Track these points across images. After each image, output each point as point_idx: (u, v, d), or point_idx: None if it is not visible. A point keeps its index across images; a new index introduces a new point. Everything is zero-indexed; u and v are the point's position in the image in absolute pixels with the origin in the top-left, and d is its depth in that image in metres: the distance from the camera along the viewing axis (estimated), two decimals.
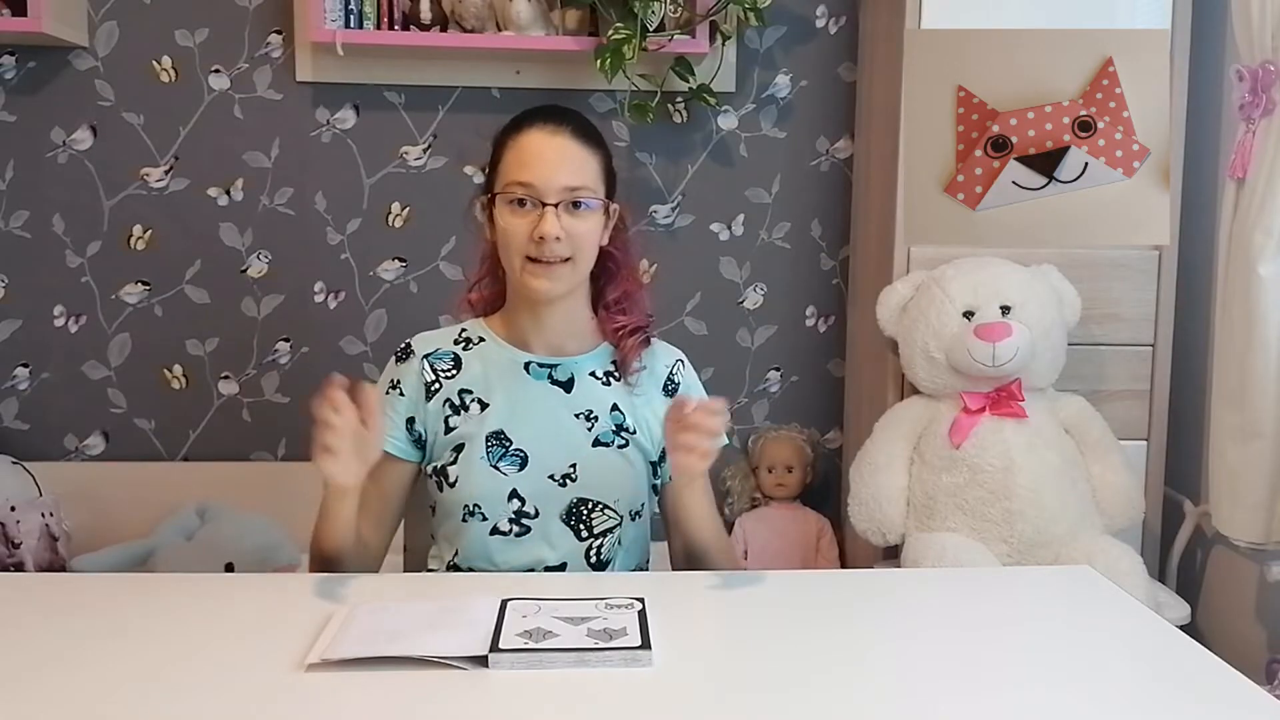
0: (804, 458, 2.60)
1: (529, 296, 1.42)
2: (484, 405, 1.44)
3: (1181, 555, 2.24)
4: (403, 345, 1.50)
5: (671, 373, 1.53)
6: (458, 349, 1.48)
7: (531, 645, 1.08)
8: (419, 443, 1.46)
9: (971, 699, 1.03)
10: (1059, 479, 1.97)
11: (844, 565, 2.55)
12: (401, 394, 1.46)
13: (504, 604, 1.18)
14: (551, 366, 1.47)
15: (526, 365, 1.46)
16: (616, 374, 1.49)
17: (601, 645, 1.08)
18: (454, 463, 1.43)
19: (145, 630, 1.16)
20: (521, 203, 1.37)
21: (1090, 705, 1.02)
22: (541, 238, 1.36)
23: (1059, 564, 1.89)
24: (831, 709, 1.01)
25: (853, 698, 1.03)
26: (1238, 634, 2.10)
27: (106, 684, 1.03)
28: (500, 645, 1.08)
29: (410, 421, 1.45)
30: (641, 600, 1.21)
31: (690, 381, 1.56)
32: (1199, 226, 2.23)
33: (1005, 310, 1.99)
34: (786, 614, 1.25)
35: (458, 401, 1.45)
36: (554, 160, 1.37)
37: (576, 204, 1.38)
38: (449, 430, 1.44)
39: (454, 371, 1.46)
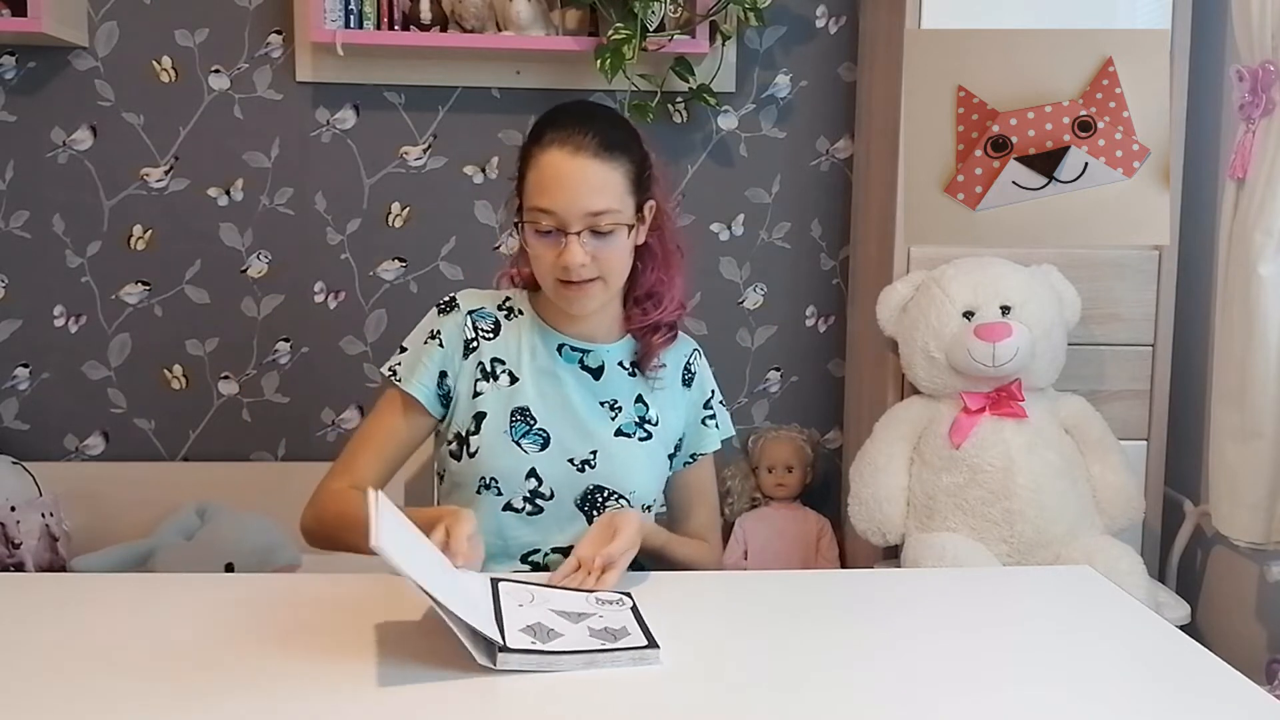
0: (804, 458, 2.60)
1: (563, 309, 1.44)
2: (514, 379, 1.45)
3: (1181, 555, 2.24)
4: (447, 298, 1.48)
5: (689, 363, 1.55)
6: (500, 315, 1.49)
7: (539, 647, 1.06)
8: (445, 399, 1.46)
9: (971, 699, 1.03)
10: (1059, 479, 1.97)
11: (844, 565, 2.55)
12: (440, 344, 1.45)
13: (495, 584, 1.18)
14: (584, 352, 1.47)
15: (560, 348, 1.47)
16: (635, 367, 1.50)
17: (610, 646, 1.07)
18: (476, 432, 1.42)
19: (145, 630, 1.16)
20: (547, 230, 1.36)
21: (1090, 705, 1.02)
22: (566, 267, 1.36)
23: (1059, 564, 1.89)
24: (832, 709, 1.01)
25: (853, 698, 1.03)
26: (1238, 634, 2.10)
27: (106, 684, 1.03)
28: (507, 643, 1.05)
29: (442, 375, 1.45)
30: (629, 595, 1.21)
31: (704, 374, 1.57)
32: (1199, 226, 2.23)
33: (1005, 310, 1.99)
34: (786, 614, 1.25)
35: (489, 368, 1.45)
36: (575, 185, 1.34)
37: (599, 229, 1.36)
38: (475, 395, 1.44)
39: (492, 335, 1.46)
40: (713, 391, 1.57)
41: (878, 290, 2.17)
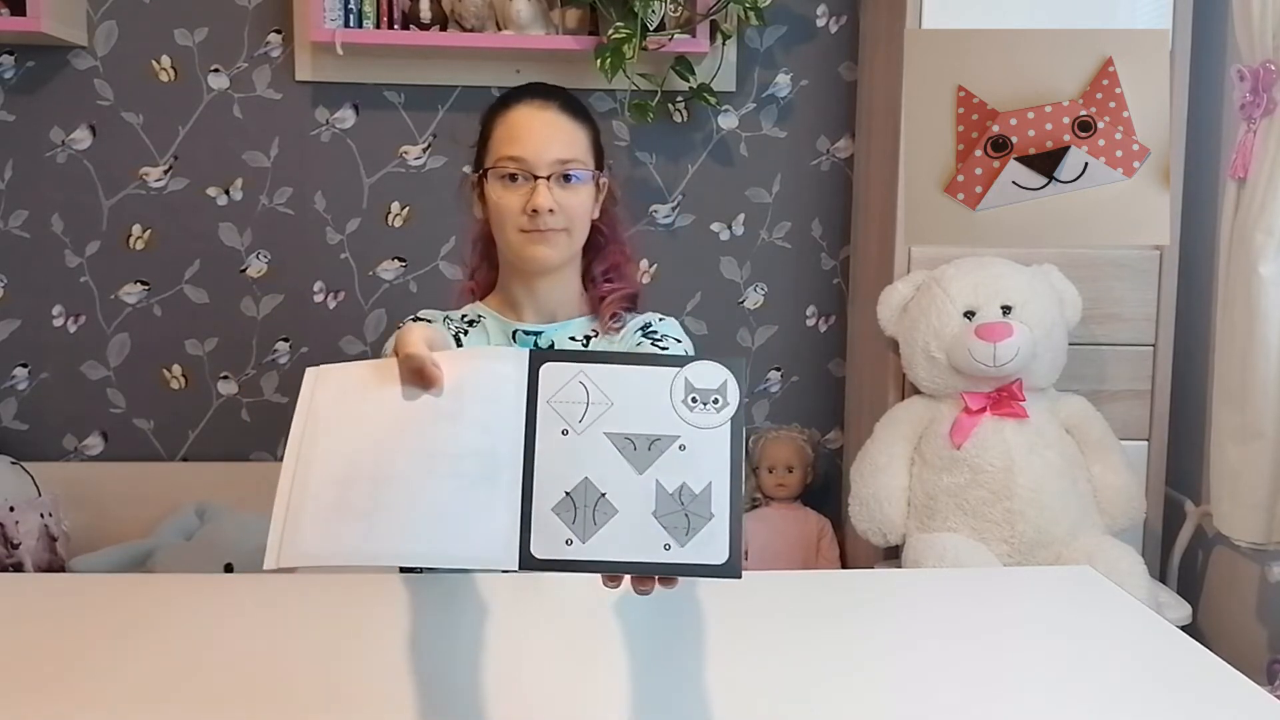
0: (804, 458, 2.60)
1: (525, 267, 1.42)
2: None
3: (1182, 555, 2.23)
4: (411, 317, 1.49)
5: (649, 322, 1.48)
6: (464, 325, 1.50)
7: (572, 554, 0.78)
8: None
9: (972, 699, 1.03)
10: (1060, 479, 1.97)
11: (845, 566, 2.55)
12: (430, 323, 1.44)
13: (536, 375, 0.84)
14: (536, 334, 1.48)
15: (514, 333, 1.48)
16: (594, 334, 1.49)
17: (670, 561, 0.79)
18: None
19: (145, 631, 1.16)
20: (514, 177, 1.38)
21: (1091, 706, 1.02)
22: (535, 210, 1.36)
23: (1060, 564, 1.89)
24: (833, 710, 1.01)
25: (854, 698, 1.03)
26: (1239, 634, 2.10)
27: (105, 684, 1.02)
28: (533, 534, 0.79)
29: None
30: (736, 378, 0.84)
31: (667, 331, 1.48)
32: (1200, 226, 2.23)
33: (1006, 310, 1.99)
34: (787, 615, 1.24)
35: None
36: (544, 134, 1.39)
37: (567, 176, 1.39)
38: None
39: (462, 338, 1.47)
40: (665, 337, 1.45)
41: (878, 290, 2.17)
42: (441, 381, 0.84)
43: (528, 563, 0.78)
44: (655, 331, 1.47)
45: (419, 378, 0.84)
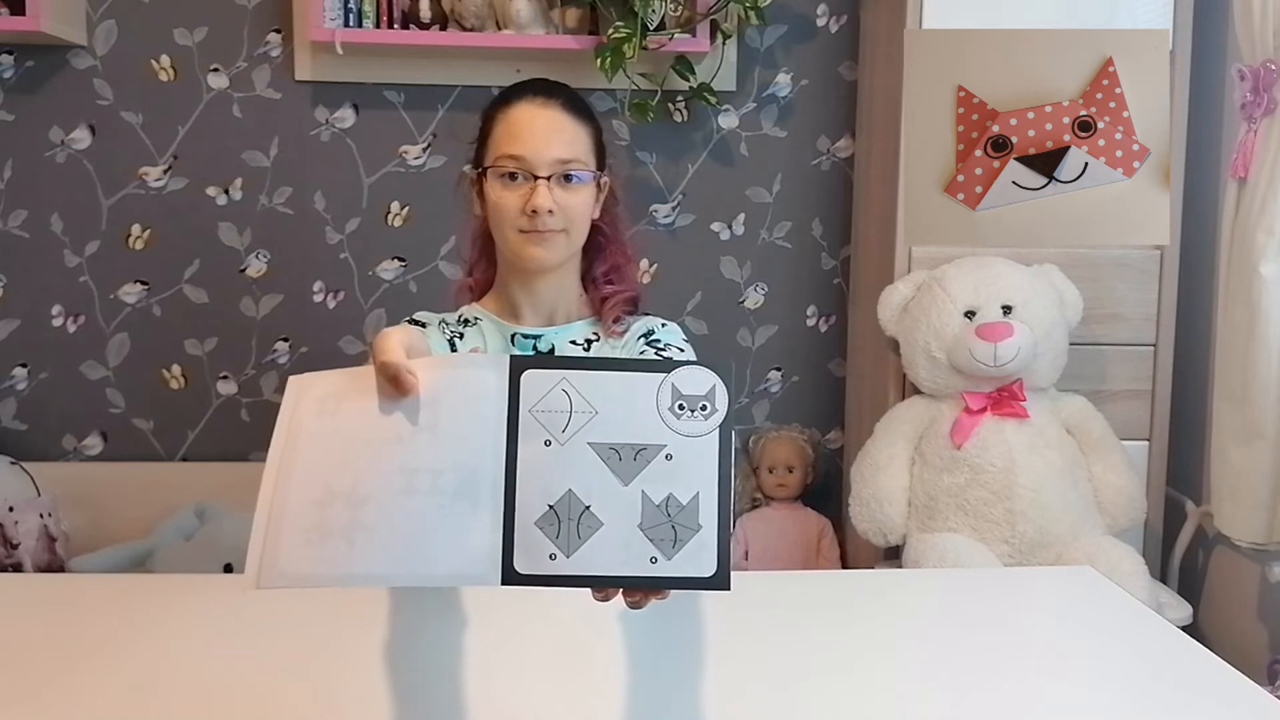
0: (805, 458, 2.59)
1: (522, 267, 1.40)
2: None
3: (1183, 556, 2.23)
4: (409, 318, 1.47)
5: (651, 329, 1.47)
6: (461, 327, 1.48)
7: (555, 569, 0.76)
8: None
9: (973, 699, 1.03)
10: (1060, 479, 1.97)
11: (845, 566, 2.55)
12: (424, 328, 1.42)
13: (516, 383, 0.80)
14: (535, 338, 1.46)
15: (512, 336, 1.46)
16: (596, 338, 1.47)
17: (655, 574, 0.77)
18: None
19: (145, 631, 1.15)
20: (513, 176, 1.36)
21: (1092, 706, 1.02)
22: (534, 211, 1.34)
23: (1060, 564, 1.89)
24: (833, 710, 1.01)
25: (855, 698, 1.03)
26: (1239, 634, 2.10)
27: (105, 684, 1.02)
28: (515, 550, 0.77)
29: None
30: (721, 382, 0.81)
31: (669, 337, 1.46)
32: (1201, 226, 2.23)
33: (1007, 310, 1.99)
34: (788, 614, 1.24)
35: None
36: (545, 132, 1.37)
37: (568, 176, 1.36)
38: None
39: (461, 340, 1.46)
40: (669, 345, 1.44)
41: (879, 290, 2.17)
42: (417, 389, 0.81)
43: (511, 579, 0.76)
44: (659, 340, 1.46)
45: (394, 386, 0.81)
